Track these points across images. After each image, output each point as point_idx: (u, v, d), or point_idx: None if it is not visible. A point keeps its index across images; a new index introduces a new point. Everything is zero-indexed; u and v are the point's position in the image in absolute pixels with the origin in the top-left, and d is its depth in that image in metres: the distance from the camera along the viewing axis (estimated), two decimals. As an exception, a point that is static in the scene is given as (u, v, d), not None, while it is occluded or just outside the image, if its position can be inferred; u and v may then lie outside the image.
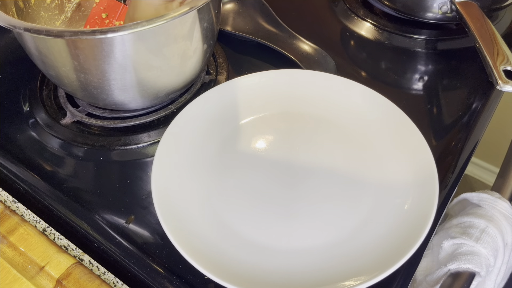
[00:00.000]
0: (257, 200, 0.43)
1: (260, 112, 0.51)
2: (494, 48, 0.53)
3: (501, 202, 0.53)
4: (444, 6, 0.59)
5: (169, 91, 0.50)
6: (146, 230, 0.43)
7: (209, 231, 0.41)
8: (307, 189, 0.44)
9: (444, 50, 0.61)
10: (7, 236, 0.41)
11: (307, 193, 0.44)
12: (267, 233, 0.41)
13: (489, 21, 0.56)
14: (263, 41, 0.60)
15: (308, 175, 0.45)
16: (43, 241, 0.41)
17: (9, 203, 0.46)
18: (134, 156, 0.49)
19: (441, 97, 0.54)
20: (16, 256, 0.41)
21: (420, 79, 0.57)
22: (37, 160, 0.49)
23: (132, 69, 0.44)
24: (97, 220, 0.44)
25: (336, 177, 0.45)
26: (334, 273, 0.37)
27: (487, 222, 0.50)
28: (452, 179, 0.46)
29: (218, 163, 0.46)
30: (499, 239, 0.50)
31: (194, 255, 0.37)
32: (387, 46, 0.61)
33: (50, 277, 0.39)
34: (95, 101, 0.50)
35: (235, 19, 0.63)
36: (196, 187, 0.44)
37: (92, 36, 0.38)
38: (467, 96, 0.54)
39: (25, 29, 0.39)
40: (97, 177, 0.48)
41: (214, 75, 0.57)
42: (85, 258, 0.42)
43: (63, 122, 0.52)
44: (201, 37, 0.47)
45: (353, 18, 0.66)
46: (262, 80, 0.52)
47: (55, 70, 0.46)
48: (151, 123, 0.52)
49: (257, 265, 0.38)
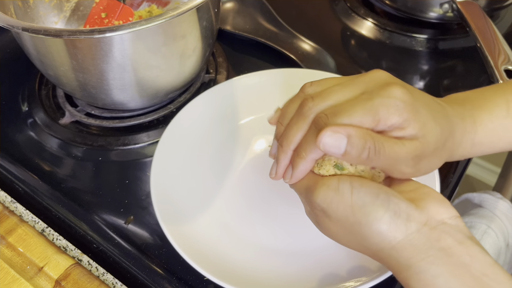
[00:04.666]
0: (257, 201, 0.43)
1: (260, 112, 0.51)
2: (495, 47, 0.53)
3: (503, 203, 0.52)
4: (445, 5, 0.59)
5: (168, 91, 0.50)
6: (145, 230, 0.43)
7: (208, 232, 0.40)
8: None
9: (445, 49, 0.61)
10: (6, 237, 0.41)
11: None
12: (267, 233, 0.41)
13: (490, 20, 0.56)
14: (263, 40, 0.59)
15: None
16: (42, 242, 0.41)
17: (8, 203, 0.45)
18: (133, 156, 0.49)
19: (442, 96, 0.54)
20: (15, 257, 0.40)
21: (421, 79, 0.57)
22: (36, 160, 0.49)
23: (131, 68, 0.44)
24: (96, 220, 0.44)
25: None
26: (335, 274, 0.37)
27: (489, 222, 0.49)
28: (453, 179, 0.46)
29: (217, 163, 0.46)
30: (501, 239, 0.50)
31: (193, 256, 0.37)
32: (388, 45, 0.61)
33: (49, 277, 0.39)
34: (94, 100, 0.50)
35: (235, 18, 0.63)
36: (195, 188, 0.44)
37: (91, 35, 0.38)
38: (468, 96, 0.54)
39: (23, 29, 0.39)
40: (96, 177, 0.48)
41: (214, 74, 0.57)
42: (84, 259, 0.41)
43: (62, 122, 0.52)
44: (201, 36, 0.47)
45: (353, 17, 0.66)
46: (262, 80, 0.52)
47: (54, 69, 0.46)
48: (150, 123, 0.52)
49: (256, 265, 0.38)
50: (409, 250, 0.27)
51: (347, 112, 0.29)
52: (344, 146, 0.29)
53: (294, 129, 0.32)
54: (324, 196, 0.29)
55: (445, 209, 0.29)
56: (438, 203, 0.29)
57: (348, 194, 0.29)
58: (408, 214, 0.28)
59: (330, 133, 0.29)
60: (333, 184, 0.29)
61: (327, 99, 0.31)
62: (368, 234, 0.28)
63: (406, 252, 0.27)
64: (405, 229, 0.27)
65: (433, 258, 0.27)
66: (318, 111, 0.31)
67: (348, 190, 0.29)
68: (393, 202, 0.28)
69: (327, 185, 0.29)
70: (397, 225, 0.27)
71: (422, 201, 0.29)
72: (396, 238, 0.27)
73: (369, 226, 0.28)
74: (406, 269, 0.27)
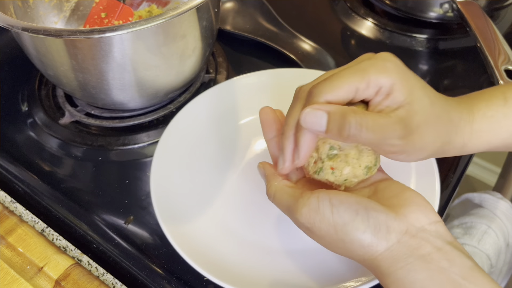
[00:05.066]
0: (257, 201, 0.43)
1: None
2: (495, 47, 0.53)
3: (503, 203, 0.52)
4: (445, 5, 0.59)
5: (168, 91, 0.50)
6: (145, 230, 0.43)
7: (208, 232, 0.40)
8: (307, 189, 0.44)
9: (445, 49, 0.61)
10: (6, 237, 0.41)
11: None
12: (267, 233, 0.41)
13: (490, 20, 0.56)
14: (263, 40, 0.59)
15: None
16: (42, 242, 0.41)
17: (8, 203, 0.45)
18: (133, 156, 0.49)
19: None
20: (14, 257, 0.40)
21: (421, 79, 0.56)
22: (36, 160, 0.49)
23: (131, 68, 0.44)
24: (96, 220, 0.44)
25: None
26: (335, 274, 0.37)
27: (489, 222, 0.49)
28: (453, 179, 0.46)
29: (217, 164, 0.46)
30: (501, 239, 0.50)
31: (193, 256, 0.37)
32: (388, 45, 0.61)
33: (49, 278, 0.39)
34: (93, 100, 0.50)
35: (235, 18, 0.63)
36: (195, 188, 0.44)
37: (91, 35, 0.38)
38: (468, 96, 0.54)
39: (23, 29, 0.39)
40: (96, 178, 0.47)
41: (214, 74, 0.57)
42: (84, 259, 0.41)
43: (62, 122, 0.52)
44: (200, 36, 0.47)
45: (353, 17, 0.66)
46: (262, 80, 0.52)
47: (54, 69, 0.46)
48: (150, 123, 0.52)
49: (256, 266, 0.38)
50: (390, 260, 0.28)
51: (337, 75, 0.30)
52: (324, 123, 0.29)
53: (290, 113, 0.33)
54: (306, 218, 0.30)
55: (424, 215, 0.29)
56: (418, 210, 0.29)
57: (329, 213, 0.29)
58: (388, 226, 0.28)
59: (309, 110, 0.29)
60: (313, 203, 0.30)
61: (320, 78, 0.32)
62: (351, 248, 0.29)
63: (387, 262, 0.28)
64: (385, 242, 0.28)
65: (411, 266, 0.28)
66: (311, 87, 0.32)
67: (328, 209, 0.29)
68: (372, 217, 0.29)
69: (308, 205, 0.30)
70: (378, 239, 0.28)
71: (403, 208, 0.29)
72: (378, 251, 0.29)
73: (352, 243, 0.29)
74: (386, 276, 0.29)
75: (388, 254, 0.28)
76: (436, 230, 0.29)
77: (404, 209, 0.29)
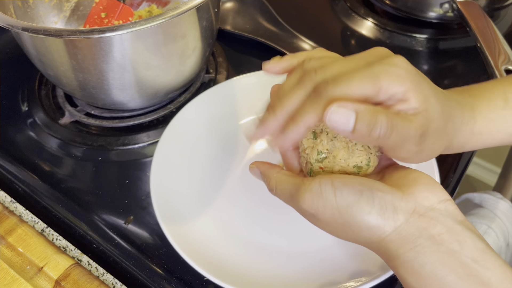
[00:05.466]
0: (257, 201, 0.43)
1: (260, 112, 0.50)
2: (495, 47, 0.53)
3: (503, 203, 0.52)
4: (445, 5, 0.59)
5: (168, 91, 0.50)
6: (145, 230, 0.43)
7: (208, 232, 0.40)
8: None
9: (445, 49, 0.61)
10: (6, 237, 0.41)
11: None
12: (267, 234, 0.41)
13: (490, 20, 0.56)
14: (263, 40, 0.59)
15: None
16: (42, 242, 0.41)
17: (8, 203, 0.45)
18: (133, 156, 0.49)
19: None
20: (14, 257, 0.40)
21: (421, 79, 0.56)
22: (36, 160, 0.49)
23: (131, 68, 0.44)
24: (96, 220, 0.44)
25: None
26: (334, 274, 0.37)
27: (489, 222, 0.49)
28: (453, 179, 0.46)
29: (217, 163, 0.46)
30: (501, 239, 0.50)
31: (193, 256, 0.37)
32: (388, 45, 0.61)
33: (49, 278, 0.39)
34: (93, 100, 0.50)
35: (235, 18, 0.63)
36: (195, 188, 0.44)
37: (90, 35, 0.38)
38: (468, 96, 0.54)
39: (23, 29, 0.39)
40: (96, 178, 0.47)
41: (214, 74, 0.57)
42: (83, 259, 0.41)
43: (62, 122, 0.52)
44: (200, 36, 0.47)
45: (353, 17, 0.66)
46: (262, 80, 0.52)
47: (54, 69, 0.46)
48: (150, 123, 0.52)
49: (256, 265, 0.38)
50: (398, 242, 0.27)
51: (347, 78, 0.28)
52: (352, 123, 0.27)
53: (290, 95, 0.30)
54: (309, 203, 0.29)
55: (433, 194, 0.28)
56: (426, 188, 0.28)
57: (332, 196, 0.28)
58: (394, 206, 0.27)
59: (335, 107, 0.27)
60: (315, 188, 0.29)
61: (329, 71, 0.30)
62: (358, 231, 0.28)
63: (395, 244, 0.27)
64: (393, 223, 0.27)
65: (420, 248, 0.27)
66: (318, 81, 0.29)
67: (331, 192, 0.28)
68: (378, 197, 0.27)
69: (310, 190, 0.29)
70: (385, 219, 0.27)
71: (410, 187, 0.28)
72: (385, 232, 0.27)
73: (358, 225, 0.28)
74: (395, 258, 0.28)
75: (396, 235, 0.27)
76: (445, 208, 0.28)
77: (412, 188, 0.28)
